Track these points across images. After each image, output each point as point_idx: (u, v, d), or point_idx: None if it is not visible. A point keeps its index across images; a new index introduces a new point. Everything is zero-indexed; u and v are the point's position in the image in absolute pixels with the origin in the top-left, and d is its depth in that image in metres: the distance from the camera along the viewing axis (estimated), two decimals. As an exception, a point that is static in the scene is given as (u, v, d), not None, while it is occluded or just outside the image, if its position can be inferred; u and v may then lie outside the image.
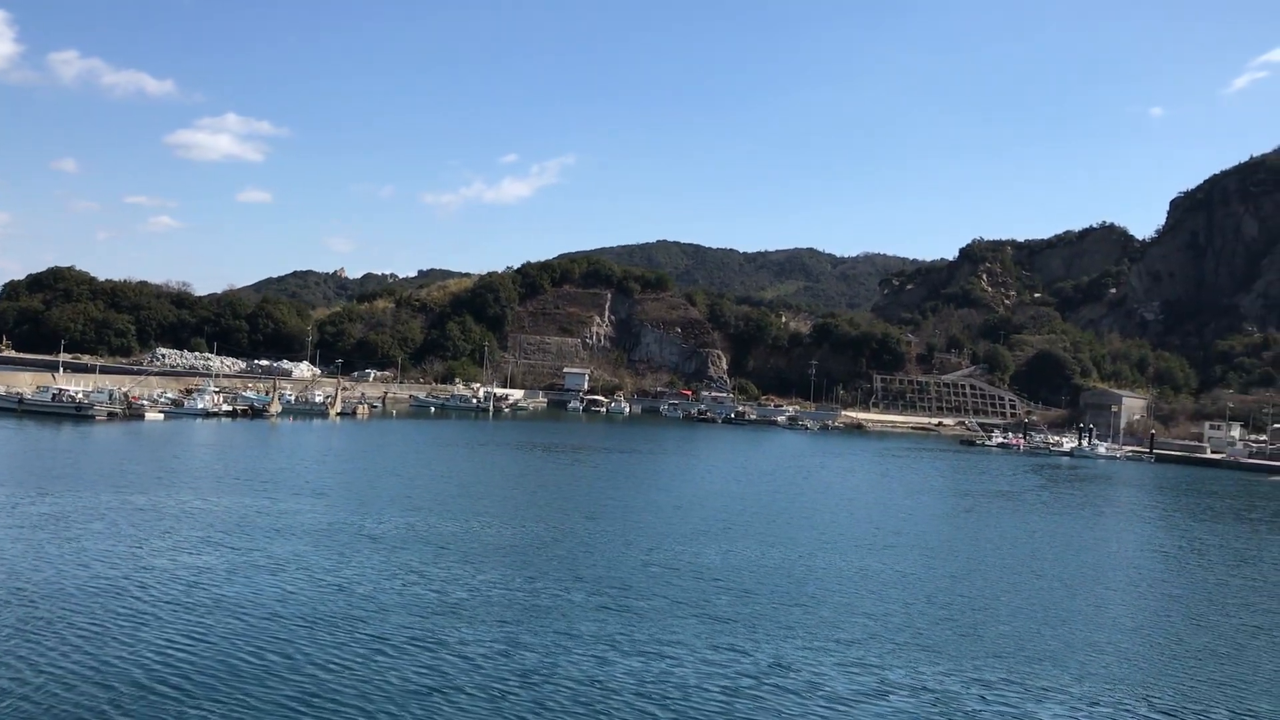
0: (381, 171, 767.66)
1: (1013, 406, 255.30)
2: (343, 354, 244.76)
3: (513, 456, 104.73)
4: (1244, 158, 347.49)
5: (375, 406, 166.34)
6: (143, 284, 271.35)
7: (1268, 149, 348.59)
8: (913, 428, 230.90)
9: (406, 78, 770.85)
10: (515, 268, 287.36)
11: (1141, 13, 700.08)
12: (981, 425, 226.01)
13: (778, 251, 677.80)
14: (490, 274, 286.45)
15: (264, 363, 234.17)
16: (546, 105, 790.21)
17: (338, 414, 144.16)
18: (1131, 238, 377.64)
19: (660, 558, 49.80)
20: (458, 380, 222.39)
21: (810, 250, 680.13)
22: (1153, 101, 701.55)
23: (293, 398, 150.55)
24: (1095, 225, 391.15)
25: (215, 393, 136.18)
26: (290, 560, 43.84)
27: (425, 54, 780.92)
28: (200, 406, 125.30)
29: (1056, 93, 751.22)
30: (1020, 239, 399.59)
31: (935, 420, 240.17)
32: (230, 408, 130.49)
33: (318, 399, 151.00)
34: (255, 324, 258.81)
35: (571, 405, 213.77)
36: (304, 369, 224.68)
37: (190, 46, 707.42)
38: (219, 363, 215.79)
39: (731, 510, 69.74)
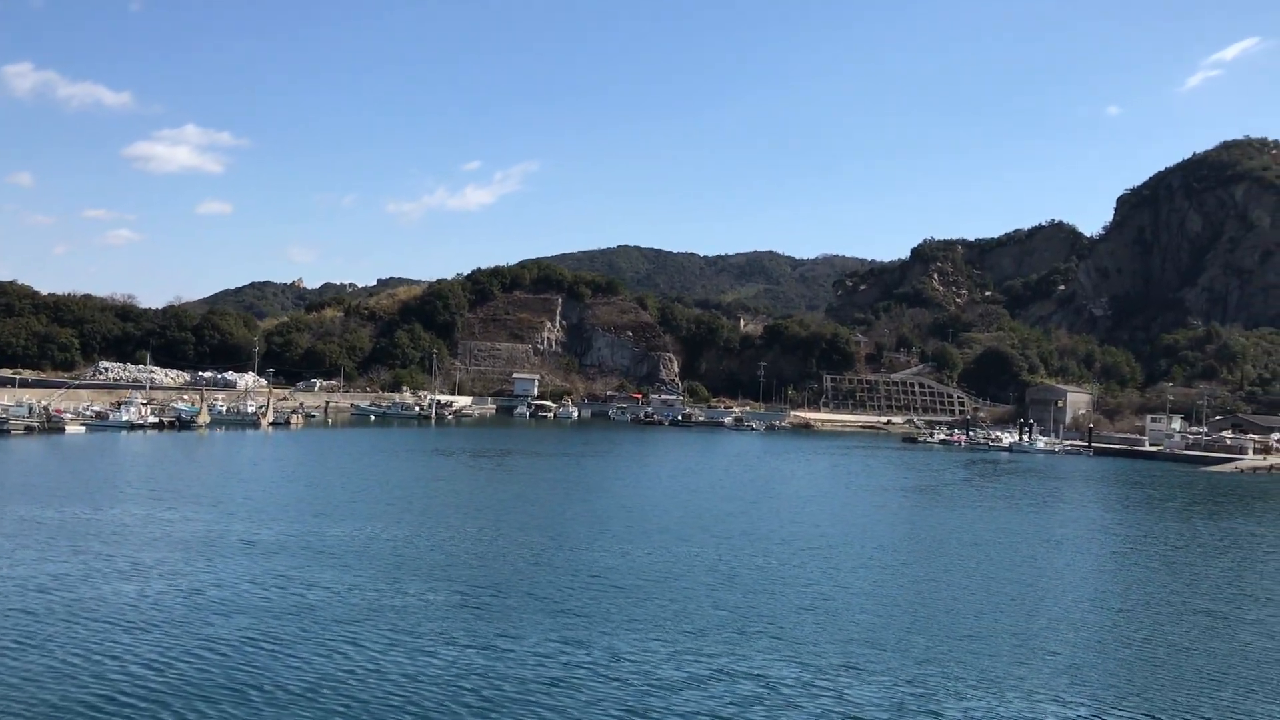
0: (343, 180, 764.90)
1: (961, 404, 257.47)
2: (290, 364, 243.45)
3: (434, 462, 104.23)
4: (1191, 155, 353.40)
5: (313, 416, 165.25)
6: (87, 297, 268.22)
7: (1213, 145, 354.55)
8: (862, 427, 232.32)
9: (368, 86, 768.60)
10: (465, 274, 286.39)
11: (1097, 14, 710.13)
12: (929, 423, 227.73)
13: (738, 255, 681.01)
14: (440, 281, 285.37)
15: (208, 374, 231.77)
16: (509, 112, 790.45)
17: (270, 424, 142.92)
18: (1080, 235, 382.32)
19: (549, 558, 49.85)
20: (404, 388, 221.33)
21: (770, 253, 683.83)
22: (1109, 100, 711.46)
23: (224, 409, 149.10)
24: (1044, 223, 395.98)
25: (143, 404, 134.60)
26: (151, 567, 43.50)
27: (387, 62, 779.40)
28: (125, 419, 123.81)
29: (1014, 94, 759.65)
30: (971, 238, 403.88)
31: (884, 419, 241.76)
32: (157, 419, 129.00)
33: (250, 409, 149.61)
34: (201, 336, 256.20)
35: (518, 411, 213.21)
36: (249, 380, 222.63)
37: (149, 58, 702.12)
38: (162, 375, 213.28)
39: (636, 509, 69.83)
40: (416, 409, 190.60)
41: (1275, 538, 71.74)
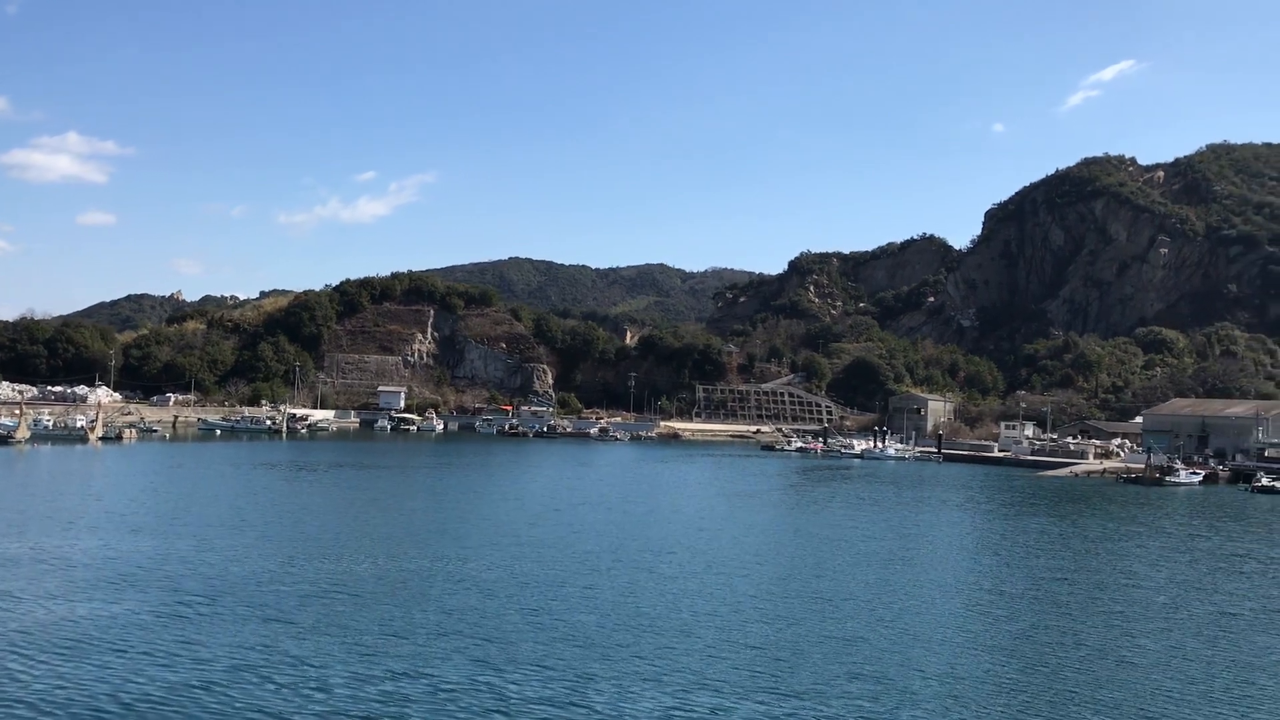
0: (233, 191, 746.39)
1: (829, 412, 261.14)
2: (149, 378, 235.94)
3: (245, 475, 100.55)
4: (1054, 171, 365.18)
5: (154, 431, 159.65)
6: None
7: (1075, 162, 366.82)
8: (732, 436, 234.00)
9: (260, 94, 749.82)
10: (333, 285, 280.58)
11: (984, 33, 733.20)
12: (791, 431, 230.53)
13: (629, 267, 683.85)
14: (307, 292, 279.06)
15: (58, 389, 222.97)
16: (406, 122, 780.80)
17: (99, 440, 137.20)
18: (950, 248, 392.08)
19: (296, 567, 48.45)
20: (263, 402, 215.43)
21: (661, 266, 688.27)
22: (995, 118, 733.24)
23: (49, 423, 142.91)
24: (917, 237, 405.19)
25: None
26: None
27: (280, 70, 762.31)
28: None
29: (904, 111, 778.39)
30: (846, 251, 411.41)
31: (754, 428, 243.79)
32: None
33: (79, 424, 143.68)
34: (54, 349, 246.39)
35: (379, 425, 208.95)
36: (101, 394, 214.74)
37: (28, 62, 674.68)
38: (9, 389, 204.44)
39: (410, 521, 68.59)
40: (268, 423, 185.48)
41: (1059, 533, 73.76)
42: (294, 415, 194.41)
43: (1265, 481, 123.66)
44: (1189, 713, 30.39)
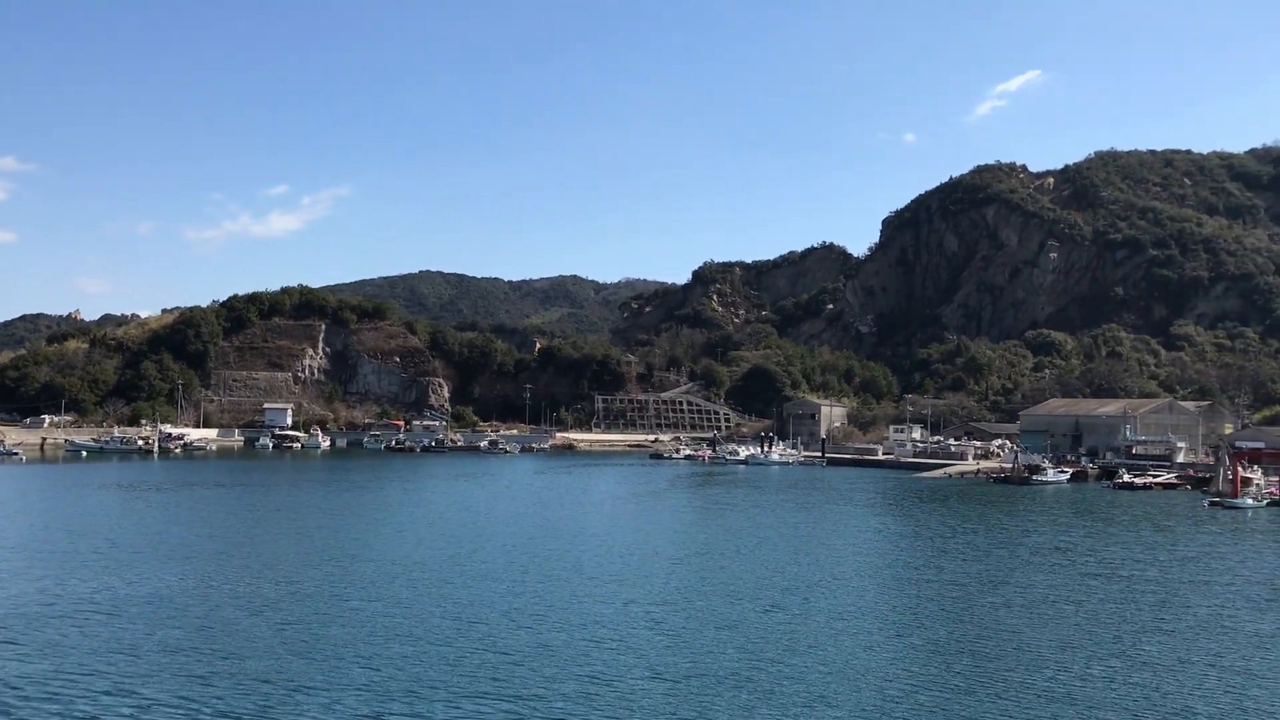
0: (139, 208, 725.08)
1: (727, 420, 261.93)
2: (27, 400, 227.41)
3: (85, 496, 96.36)
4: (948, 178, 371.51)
5: (14, 454, 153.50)
6: None
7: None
8: (630, 446, 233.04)
9: (167, 109, 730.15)
10: (220, 301, 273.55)
11: (896, 47, 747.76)
12: (694, 439, 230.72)
13: (542, 279, 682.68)
14: (193, 308, 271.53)
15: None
16: (320, 136, 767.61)
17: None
18: (850, 255, 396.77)
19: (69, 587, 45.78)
20: (143, 421, 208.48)
21: (575, 277, 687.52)
22: (907, 128, 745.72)
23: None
24: (817, 245, 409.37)
25: None
26: None
27: (187, 84, 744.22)
28: None
29: (816, 121, 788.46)
30: (749, 260, 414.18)
31: (652, 438, 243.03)
32: None
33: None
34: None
35: (261, 442, 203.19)
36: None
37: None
38: None
39: (226, 532, 66.08)
40: (139, 443, 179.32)
41: (896, 531, 73.78)
42: (169, 435, 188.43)
43: (1126, 478, 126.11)
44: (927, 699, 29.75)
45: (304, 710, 28.73)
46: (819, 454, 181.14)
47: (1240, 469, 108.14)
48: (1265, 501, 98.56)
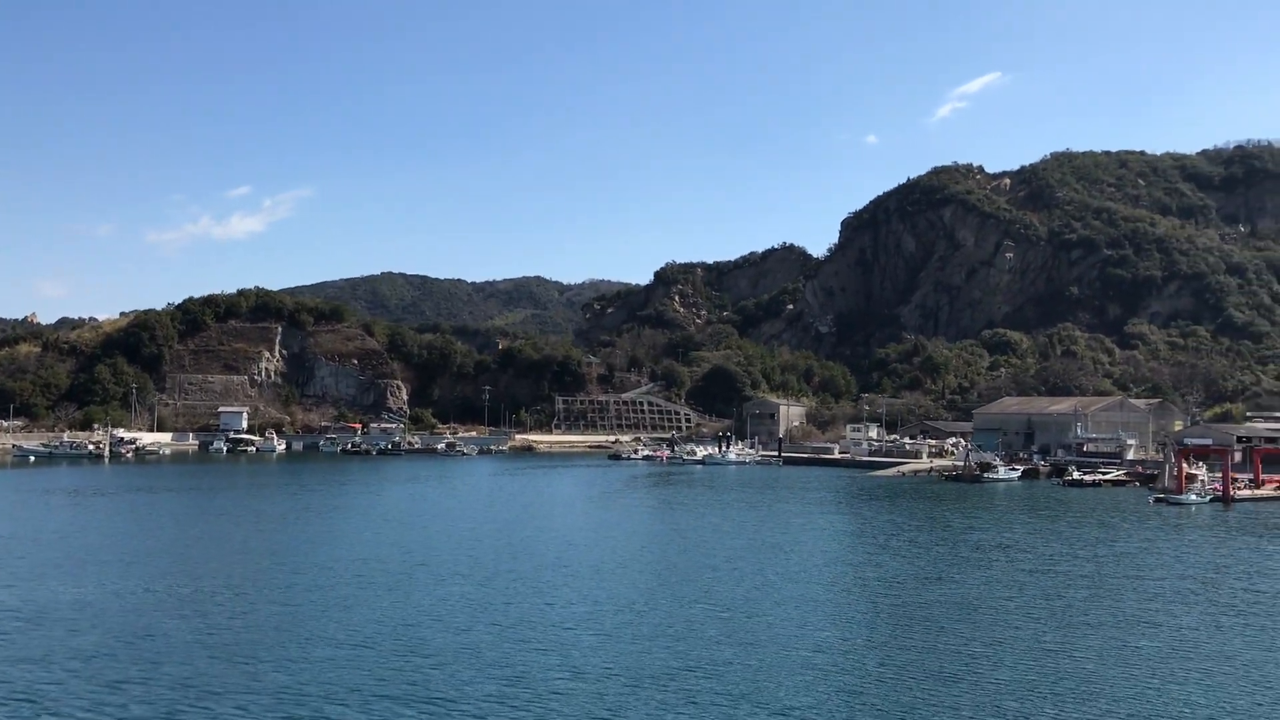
0: (98, 209, 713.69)
1: (688, 420, 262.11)
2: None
3: (23, 503, 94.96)
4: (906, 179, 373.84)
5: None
6: None
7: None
8: (590, 446, 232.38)
9: (126, 109, 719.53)
10: (175, 304, 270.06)
11: (859, 48, 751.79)
12: (654, 440, 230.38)
13: (506, 280, 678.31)
14: (147, 311, 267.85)
15: None
16: (282, 137, 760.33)
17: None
18: (810, 256, 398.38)
19: None
20: (95, 426, 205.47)
21: (539, 278, 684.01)
22: (868, 130, 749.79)
23: None
24: (777, 246, 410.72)
25: None
26: None
27: (145, 83, 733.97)
28: None
29: (773, 124, 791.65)
30: (710, 261, 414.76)
31: (613, 438, 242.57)
32: None
33: None
34: None
35: (215, 446, 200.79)
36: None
37: None
38: None
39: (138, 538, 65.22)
40: (90, 448, 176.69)
41: (846, 526, 73.99)
42: (120, 439, 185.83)
43: (1075, 475, 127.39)
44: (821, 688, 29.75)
45: (215, 714, 28.30)
46: (775, 454, 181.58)
47: (1186, 466, 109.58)
48: (1208, 498, 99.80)
